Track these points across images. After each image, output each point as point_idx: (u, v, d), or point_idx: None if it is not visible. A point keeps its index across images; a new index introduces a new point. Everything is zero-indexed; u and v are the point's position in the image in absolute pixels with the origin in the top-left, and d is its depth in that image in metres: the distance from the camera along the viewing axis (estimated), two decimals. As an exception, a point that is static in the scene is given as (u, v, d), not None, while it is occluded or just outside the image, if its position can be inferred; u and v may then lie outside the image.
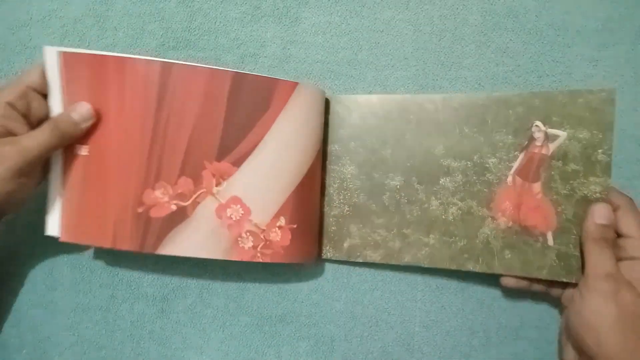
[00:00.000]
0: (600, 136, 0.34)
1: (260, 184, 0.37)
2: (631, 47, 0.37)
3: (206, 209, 0.35)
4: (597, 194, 0.34)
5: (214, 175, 0.36)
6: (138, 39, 0.40)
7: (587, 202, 0.34)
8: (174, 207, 0.35)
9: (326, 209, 0.40)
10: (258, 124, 0.36)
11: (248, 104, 0.36)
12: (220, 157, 0.36)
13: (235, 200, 0.36)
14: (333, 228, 0.40)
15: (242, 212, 0.36)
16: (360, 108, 0.39)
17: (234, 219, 0.36)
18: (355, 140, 0.40)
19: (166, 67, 0.34)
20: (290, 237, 0.37)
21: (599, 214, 0.32)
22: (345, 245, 0.39)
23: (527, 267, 0.35)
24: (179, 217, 0.35)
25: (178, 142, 0.35)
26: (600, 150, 0.34)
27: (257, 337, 0.40)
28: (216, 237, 0.36)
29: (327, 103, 0.40)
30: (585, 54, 0.38)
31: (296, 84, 0.36)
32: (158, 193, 0.35)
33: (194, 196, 0.35)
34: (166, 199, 0.35)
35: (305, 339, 0.40)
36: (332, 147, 0.40)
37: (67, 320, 0.40)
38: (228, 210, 0.36)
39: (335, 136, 0.40)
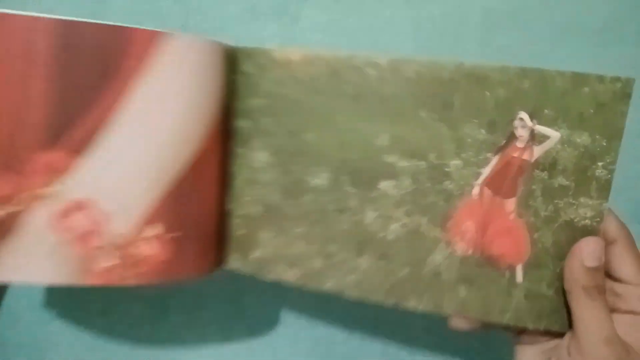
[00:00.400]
0: (604, 144, 0.28)
1: (117, 180, 0.29)
2: (634, 46, 0.40)
3: (39, 220, 0.28)
4: (587, 221, 0.28)
5: (44, 171, 0.28)
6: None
7: (571, 229, 0.29)
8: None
9: (232, 206, 0.34)
10: (105, 93, 0.28)
11: (85, 66, 0.27)
12: (50, 145, 0.27)
13: (80, 205, 0.29)
14: (240, 232, 0.34)
15: (91, 220, 0.29)
16: (278, 69, 0.31)
17: (79, 231, 0.29)
18: (270, 116, 0.32)
19: None
20: (172, 249, 0.31)
21: (590, 253, 0.27)
22: (255, 255, 0.34)
23: (487, 308, 0.30)
24: (2, 229, 0.27)
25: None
26: (600, 163, 0.28)
27: (255, 339, 0.45)
28: (55, 256, 0.29)
29: (232, 57, 0.32)
30: (588, 53, 0.40)
31: (163, 33, 0.28)
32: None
33: (20, 201, 0.28)
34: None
35: (303, 341, 0.45)
36: (240, 123, 0.32)
37: (65, 322, 0.45)
38: (69, 219, 0.28)
39: (244, 108, 0.32)
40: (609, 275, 0.30)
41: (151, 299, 0.45)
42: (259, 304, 0.45)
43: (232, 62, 0.33)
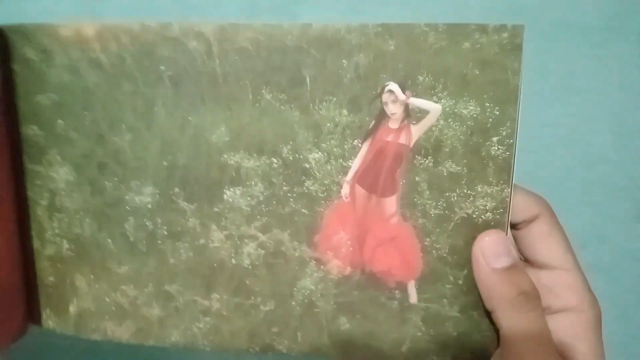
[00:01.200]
0: (497, 112, 0.21)
1: None
2: (635, 45, 0.39)
3: None
4: (489, 214, 0.22)
5: None
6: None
7: (471, 227, 0.22)
8: None
9: (36, 244, 0.24)
10: None
11: None
12: None
13: None
14: (51, 279, 0.25)
15: None
16: (68, 51, 0.23)
17: None
18: (64, 117, 0.23)
19: None
20: None
21: (493, 251, 0.20)
22: (72, 310, 0.24)
23: (377, 342, 0.23)
24: None
25: None
26: (495, 138, 0.22)
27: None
28: None
29: (7, 41, 0.23)
30: (589, 52, 0.39)
31: None
32: None
33: None
34: None
35: None
36: (28, 130, 0.24)
37: None
38: None
39: (30, 108, 0.23)
40: (531, 263, 0.24)
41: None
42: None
43: (5, 46, 0.24)
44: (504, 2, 0.40)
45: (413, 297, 0.24)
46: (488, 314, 0.23)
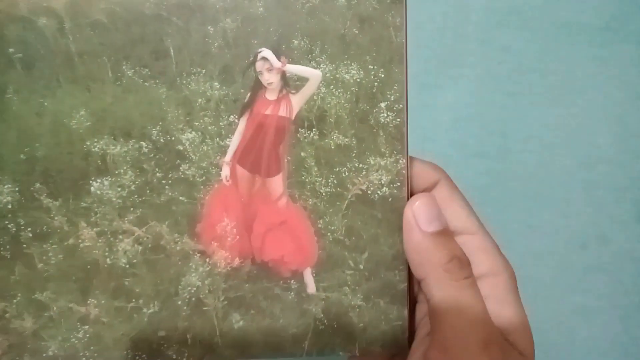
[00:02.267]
0: (382, 75, 0.19)
1: None
2: (636, 45, 0.40)
3: None
4: (385, 189, 0.20)
5: None
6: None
7: (367, 204, 0.20)
8: None
9: None
10: None
11: None
12: None
13: None
14: None
15: None
16: None
17: None
18: None
19: None
20: None
21: (426, 214, 0.18)
22: None
23: (275, 338, 0.21)
24: None
25: None
26: (383, 104, 0.20)
27: None
28: None
29: None
30: (590, 53, 0.40)
31: None
32: None
33: None
34: None
35: None
36: None
37: None
38: None
39: None
40: None
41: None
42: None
43: None
44: (504, 2, 0.41)
45: (311, 287, 0.22)
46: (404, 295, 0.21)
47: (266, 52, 0.20)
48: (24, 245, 0.22)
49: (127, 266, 0.22)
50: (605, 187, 0.41)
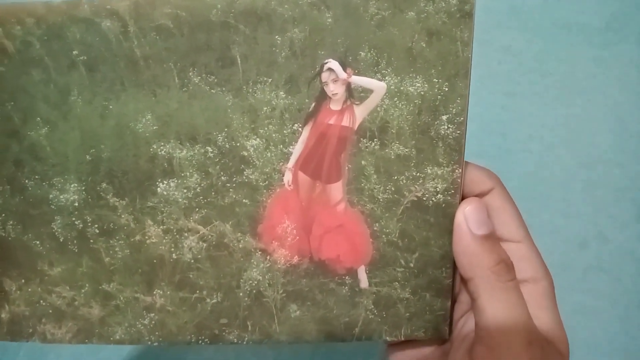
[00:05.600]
0: (446, 88, 0.19)
1: None
2: (636, 46, 0.40)
3: None
4: (440, 196, 0.21)
5: None
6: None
7: (421, 210, 0.21)
8: None
9: None
10: None
11: None
12: None
13: None
14: None
15: None
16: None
17: None
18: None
19: None
20: None
21: (476, 218, 0.20)
22: (4, 317, 0.23)
23: (329, 326, 0.22)
24: None
25: None
26: (445, 117, 0.20)
27: None
28: None
29: None
30: (589, 53, 0.40)
31: None
32: None
33: None
34: None
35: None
36: None
37: None
38: None
39: None
40: None
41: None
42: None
43: None
44: (504, 2, 0.40)
45: (364, 282, 0.23)
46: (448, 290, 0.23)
47: (332, 64, 0.20)
48: (91, 241, 0.23)
49: (192, 261, 0.23)
50: (605, 187, 0.41)
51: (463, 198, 0.23)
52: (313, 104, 0.21)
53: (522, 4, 0.41)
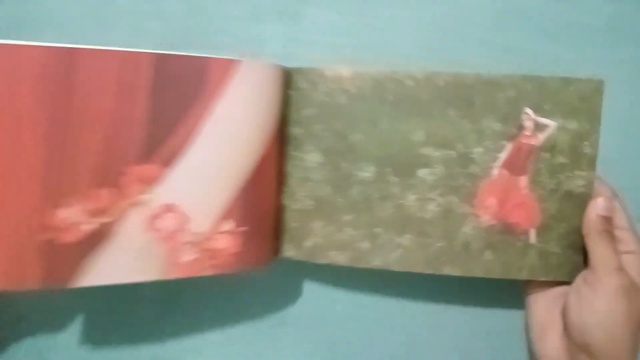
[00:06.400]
0: (588, 127, 0.36)
1: (199, 185, 0.34)
2: (636, 46, 0.41)
3: (131, 224, 0.32)
4: (581, 189, 0.36)
5: (138, 182, 0.32)
6: (136, 38, 0.43)
7: (570, 197, 0.37)
8: (88, 228, 0.30)
9: (287, 202, 0.39)
10: (190, 114, 0.33)
11: (176, 91, 0.33)
12: (145, 159, 0.32)
13: (168, 208, 0.33)
14: (294, 224, 0.39)
15: (178, 220, 0.33)
16: (328, 83, 0.37)
17: (167, 230, 0.33)
18: (321, 123, 0.38)
19: (64, 55, 0.30)
20: (241, 242, 0.35)
21: (602, 206, 0.36)
22: (308, 244, 0.38)
23: (507, 269, 0.38)
24: (96, 239, 0.31)
25: (88, 146, 0.30)
26: (586, 142, 0.36)
27: (258, 339, 0.45)
28: (148, 255, 0.33)
29: (288, 76, 0.37)
30: (591, 53, 0.41)
31: (234, 61, 0.33)
32: (65, 212, 0.30)
33: (115, 210, 0.31)
34: (77, 218, 0.30)
35: (306, 342, 0.45)
36: (294, 130, 0.38)
37: (64, 322, 0.44)
38: (159, 221, 0.32)
39: (298, 117, 0.38)
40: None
41: (152, 299, 0.44)
42: (261, 304, 0.45)
43: (288, 79, 0.39)
44: (504, 2, 0.41)
45: (532, 239, 0.39)
46: (582, 249, 0.38)
47: (528, 110, 0.37)
48: (373, 202, 0.39)
49: (430, 219, 0.39)
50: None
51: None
52: (515, 130, 0.38)
53: (522, 3, 0.41)
